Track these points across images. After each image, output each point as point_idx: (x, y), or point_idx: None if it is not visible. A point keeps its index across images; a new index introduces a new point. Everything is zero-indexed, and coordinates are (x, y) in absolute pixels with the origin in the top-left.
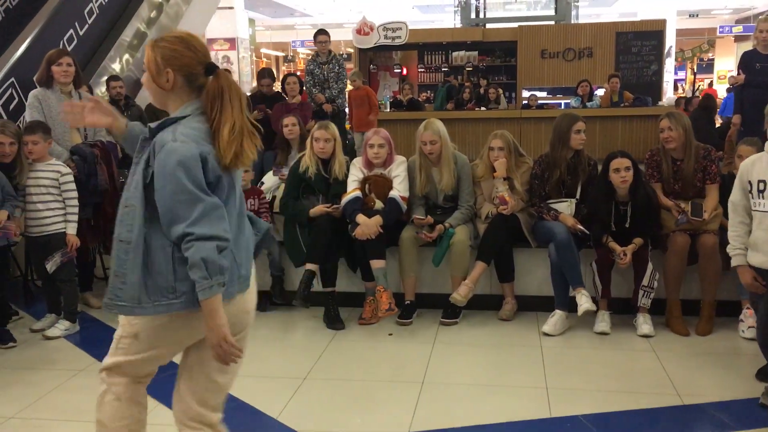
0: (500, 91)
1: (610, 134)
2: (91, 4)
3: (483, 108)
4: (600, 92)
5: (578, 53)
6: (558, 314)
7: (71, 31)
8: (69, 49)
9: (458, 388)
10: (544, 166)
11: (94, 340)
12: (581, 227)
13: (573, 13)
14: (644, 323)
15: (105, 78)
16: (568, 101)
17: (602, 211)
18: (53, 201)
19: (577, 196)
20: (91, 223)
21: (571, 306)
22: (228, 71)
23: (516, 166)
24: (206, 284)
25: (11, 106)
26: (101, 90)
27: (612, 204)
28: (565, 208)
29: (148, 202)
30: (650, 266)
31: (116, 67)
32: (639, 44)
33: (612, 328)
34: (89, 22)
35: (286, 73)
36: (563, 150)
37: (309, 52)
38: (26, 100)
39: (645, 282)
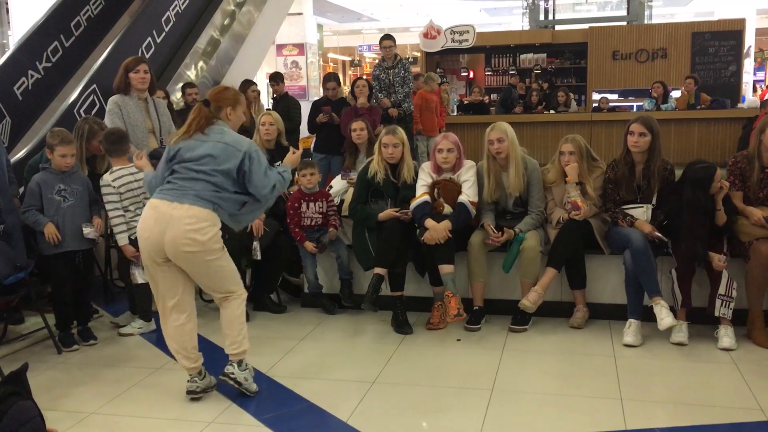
0: (571, 94)
1: (686, 138)
2: (168, 13)
3: (552, 111)
4: (675, 94)
5: (651, 54)
6: (634, 324)
7: (149, 39)
8: (147, 56)
9: (529, 397)
10: (618, 170)
11: None
12: (659, 234)
13: (646, 13)
14: (725, 336)
15: (180, 85)
16: (641, 104)
17: (697, 225)
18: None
19: (654, 202)
20: None
21: (645, 315)
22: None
23: (589, 171)
24: None
25: (93, 112)
26: (177, 96)
27: (706, 217)
28: (641, 213)
29: None
30: (726, 273)
31: (191, 73)
32: (716, 45)
33: (690, 339)
34: (166, 30)
35: (354, 77)
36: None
37: (375, 56)
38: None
39: (722, 290)
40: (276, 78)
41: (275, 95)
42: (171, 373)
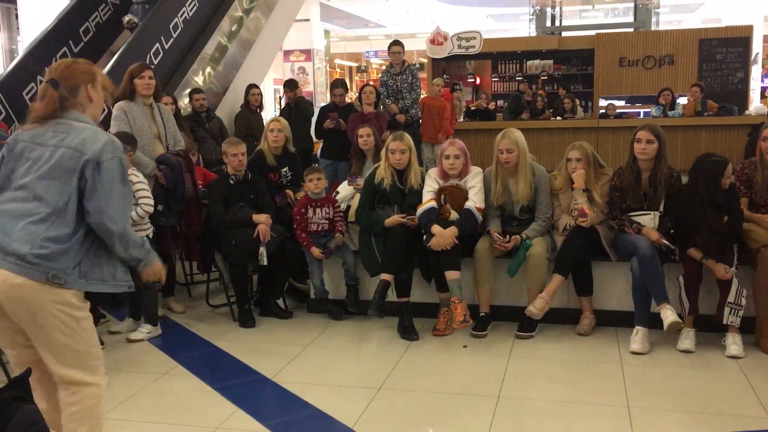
0: (577, 101)
1: (693, 145)
2: (176, 19)
3: (559, 117)
4: (682, 101)
5: (659, 61)
6: (641, 331)
7: (157, 44)
8: (155, 62)
9: (535, 404)
10: (624, 179)
11: (177, 343)
12: (666, 242)
13: (653, 20)
14: (733, 343)
15: (188, 90)
16: (648, 110)
17: (701, 223)
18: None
19: (661, 209)
20: (176, 230)
21: (652, 322)
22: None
23: (595, 178)
24: None
25: (101, 117)
26: (184, 102)
27: (708, 212)
28: (648, 221)
29: None
30: (735, 281)
31: (199, 79)
32: (724, 51)
33: (697, 347)
34: (174, 36)
35: (361, 83)
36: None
37: (382, 62)
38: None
39: (731, 298)
40: (290, 85)
41: (289, 102)
42: (177, 378)
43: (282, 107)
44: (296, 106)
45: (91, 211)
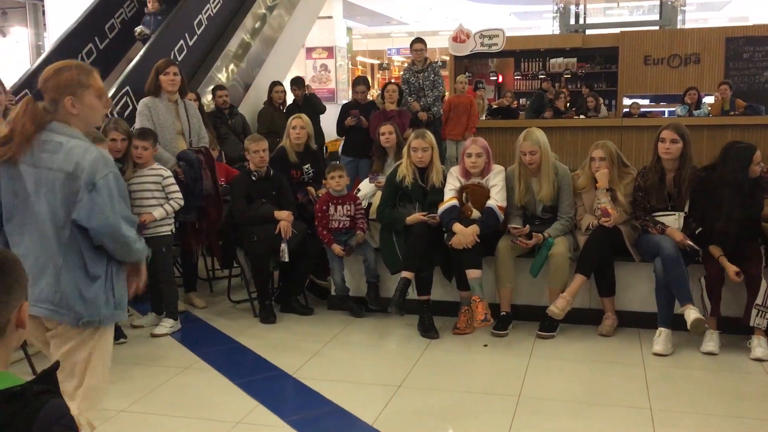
0: (600, 100)
1: (719, 144)
2: (200, 16)
3: (582, 116)
4: (708, 100)
5: (684, 59)
6: (664, 332)
7: (182, 41)
8: (179, 59)
9: (556, 404)
10: (648, 179)
11: (198, 338)
12: (691, 243)
13: (679, 18)
14: (758, 346)
15: (211, 87)
16: (673, 109)
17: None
18: (157, 205)
19: (686, 210)
20: (195, 226)
21: (675, 323)
22: None
23: (619, 177)
24: None
25: (126, 114)
26: (207, 99)
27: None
28: (673, 221)
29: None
30: (764, 283)
31: (222, 76)
32: (751, 50)
33: (722, 349)
34: (198, 33)
35: (383, 81)
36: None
37: (404, 59)
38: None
39: (759, 300)
40: (297, 83)
41: (296, 100)
42: (199, 373)
43: (290, 104)
44: (305, 103)
45: (97, 227)
